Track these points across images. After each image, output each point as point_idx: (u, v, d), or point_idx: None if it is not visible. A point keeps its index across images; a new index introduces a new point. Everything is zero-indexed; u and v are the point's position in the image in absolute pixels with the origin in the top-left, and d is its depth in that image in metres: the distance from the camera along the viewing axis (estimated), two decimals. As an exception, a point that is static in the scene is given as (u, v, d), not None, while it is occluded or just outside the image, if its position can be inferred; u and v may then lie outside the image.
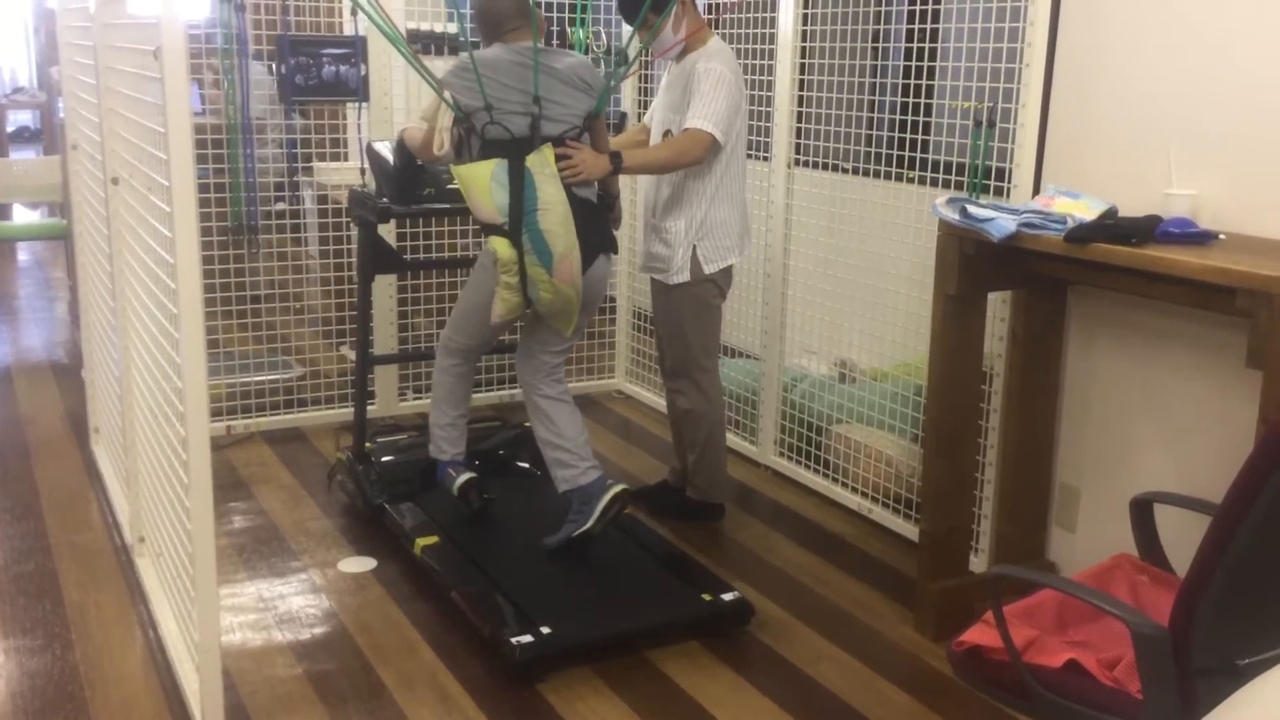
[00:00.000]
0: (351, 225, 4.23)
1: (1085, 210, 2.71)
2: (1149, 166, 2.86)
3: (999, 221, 2.70)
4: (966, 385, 3.06)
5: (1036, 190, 3.09)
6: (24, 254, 8.01)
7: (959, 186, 3.36)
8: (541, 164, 3.01)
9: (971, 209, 2.80)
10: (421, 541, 3.32)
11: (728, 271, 3.60)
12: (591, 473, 3.25)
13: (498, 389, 4.89)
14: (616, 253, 3.33)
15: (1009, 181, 3.18)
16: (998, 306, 3.17)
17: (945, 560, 3.09)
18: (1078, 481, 3.16)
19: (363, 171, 4.15)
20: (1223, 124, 2.70)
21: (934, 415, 3.04)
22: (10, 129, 11.00)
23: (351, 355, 4.39)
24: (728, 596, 3.06)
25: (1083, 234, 2.57)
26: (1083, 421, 3.13)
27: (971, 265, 2.88)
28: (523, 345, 3.39)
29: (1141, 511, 2.33)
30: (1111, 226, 2.59)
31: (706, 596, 3.06)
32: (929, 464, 3.08)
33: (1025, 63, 3.09)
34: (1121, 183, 2.92)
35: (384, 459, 3.80)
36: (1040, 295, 3.08)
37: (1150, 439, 2.95)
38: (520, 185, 3.00)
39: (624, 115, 4.84)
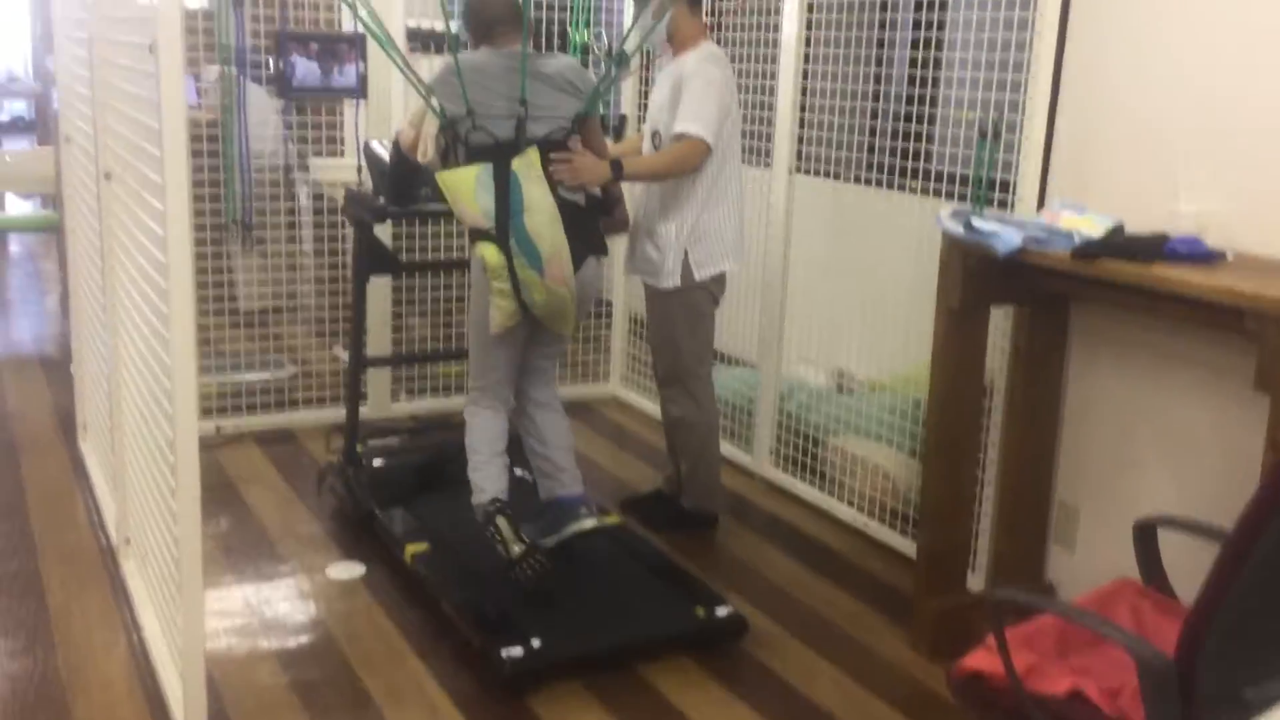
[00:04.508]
0: (347, 224, 4.19)
1: (1091, 226, 2.68)
2: (1155, 182, 2.82)
3: (1004, 236, 2.67)
4: (967, 400, 3.02)
5: (1041, 203, 3.06)
6: (15, 245, 7.94)
7: (961, 198, 3.32)
8: (527, 167, 2.97)
9: (976, 222, 2.76)
10: (412, 548, 3.28)
11: (721, 278, 3.56)
12: (573, 486, 3.23)
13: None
14: (606, 254, 3.29)
15: (1013, 194, 3.15)
16: (999, 321, 3.13)
17: (942, 578, 3.06)
18: (1078, 501, 3.12)
19: (359, 170, 4.11)
20: (1231, 141, 2.67)
21: (934, 429, 3.01)
22: (4, 119, 10.94)
23: (344, 355, 4.34)
24: (721, 611, 3.02)
25: (1090, 251, 2.53)
26: (1084, 440, 3.09)
27: (974, 279, 2.84)
28: None
29: (1145, 535, 2.29)
30: (1118, 244, 2.56)
31: (700, 611, 3.02)
32: (928, 479, 3.05)
33: (1031, 74, 3.06)
34: (1127, 198, 2.88)
35: (375, 462, 3.76)
36: (1043, 311, 3.04)
37: (1152, 460, 2.91)
38: (506, 188, 2.95)
39: (623, 118, 4.80)
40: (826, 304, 3.94)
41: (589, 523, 3.18)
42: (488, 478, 3.19)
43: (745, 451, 4.29)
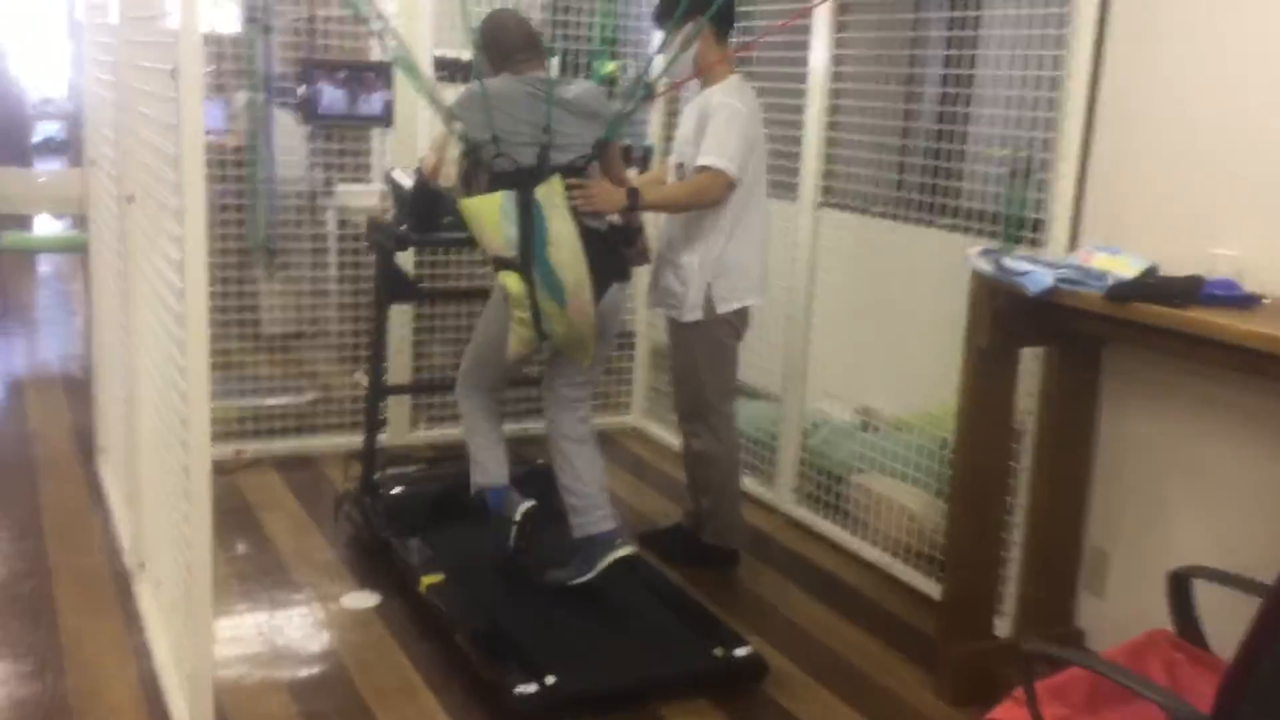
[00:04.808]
0: (370, 251, 4.18)
1: (1125, 267, 2.62)
2: (1191, 224, 2.76)
3: (1035, 275, 2.62)
4: (995, 441, 2.96)
5: (1073, 243, 3.00)
6: (44, 265, 7.99)
7: (992, 236, 3.27)
8: (550, 195, 2.94)
9: (1007, 261, 2.71)
10: (427, 579, 3.23)
11: (744, 313, 3.51)
12: (605, 523, 3.19)
13: (520, 420, 4.79)
14: (629, 279, 3.26)
15: (1044, 233, 3.09)
16: (1029, 361, 3.07)
17: (968, 622, 2.99)
18: (1109, 546, 3.04)
19: (384, 197, 4.10)
20: (1269, 182, 2.61)
21: (961, 470, 2.95)
22: (37, 140, 11.03)
23: (364, 380, 4.32)
24: (740, 652, 2.96)
25: (1124, 292, 2.48)
26: (1116, 484, 3.02)
27: (1004, 318, 2.79)
28: (545, 379, 3.34)
29: (1179, 586, 2.22)
30: (1153, 286, 2.50)
31: (719, 651, 2.95)
32: (954, 520, 2.98)
33: (1064, 112, 3.01)
34: (1161, 239, 2.82)
35: (392, 491, 3.72)
36: (1074, 352, 2.98)
37: (1187, 506, 2.84)
38: (529, 217, 2.93)
39: (650, 149, 4.78)
40: (852, 339, 3.89)
41: (625, 550, 3.17)
42: (493, 459, 3.33)
43: (767, 487, 4.23)
